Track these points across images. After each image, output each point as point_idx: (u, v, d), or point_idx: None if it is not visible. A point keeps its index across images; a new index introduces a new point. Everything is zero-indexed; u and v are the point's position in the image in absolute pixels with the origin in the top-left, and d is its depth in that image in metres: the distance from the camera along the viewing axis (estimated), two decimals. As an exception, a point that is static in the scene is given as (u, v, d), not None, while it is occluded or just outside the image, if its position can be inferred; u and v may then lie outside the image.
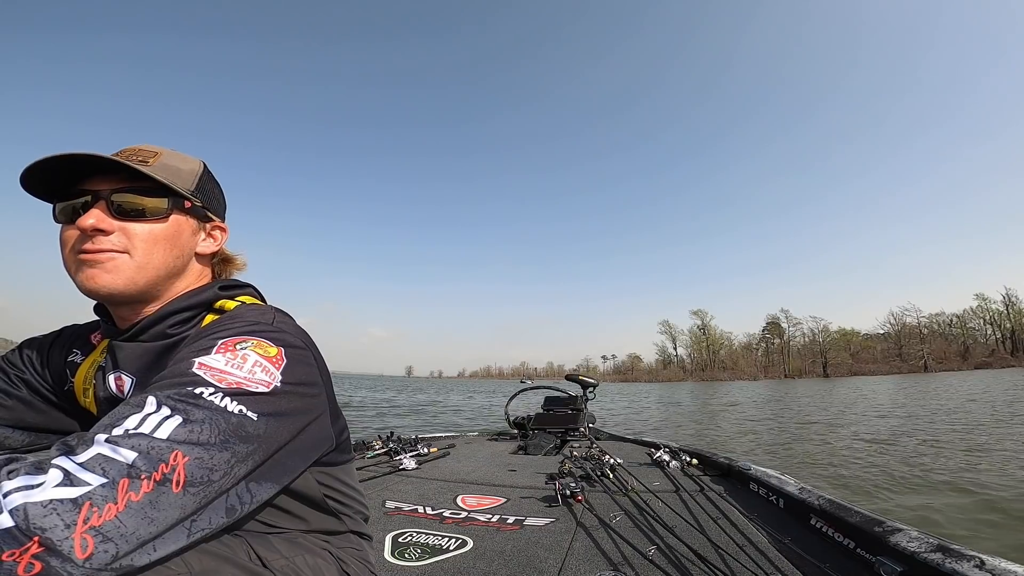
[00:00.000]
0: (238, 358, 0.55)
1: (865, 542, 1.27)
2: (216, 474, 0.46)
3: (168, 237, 0.68)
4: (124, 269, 0.65)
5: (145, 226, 0.66)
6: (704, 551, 1.31)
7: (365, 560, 0.80)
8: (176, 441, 0.44)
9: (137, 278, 0.66)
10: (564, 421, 3.84)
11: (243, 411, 0.50)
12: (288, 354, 0.60)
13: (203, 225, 0.75)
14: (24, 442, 0.77)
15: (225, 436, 0.48)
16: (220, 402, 0.49)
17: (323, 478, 0.74)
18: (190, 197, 0.71)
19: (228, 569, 0.56)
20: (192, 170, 0.73)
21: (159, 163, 0.68)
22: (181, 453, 0.44)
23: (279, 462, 0.55)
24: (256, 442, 0.51)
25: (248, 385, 0.52)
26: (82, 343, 0.81)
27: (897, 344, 78.58)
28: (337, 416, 0.73)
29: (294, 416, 0.57)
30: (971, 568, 0.98)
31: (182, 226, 0.71)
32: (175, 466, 0.43)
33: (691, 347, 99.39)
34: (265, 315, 0.67)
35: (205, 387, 0.50)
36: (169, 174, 0.69)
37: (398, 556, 1.37)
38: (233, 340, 0.58)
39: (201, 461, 0.45)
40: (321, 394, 0.64)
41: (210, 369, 0.52)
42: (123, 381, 0.69)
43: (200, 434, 0.46)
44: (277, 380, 0.56)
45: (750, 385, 48.26)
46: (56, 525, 0.37)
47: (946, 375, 46.91)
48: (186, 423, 0.46)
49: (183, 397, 0.48)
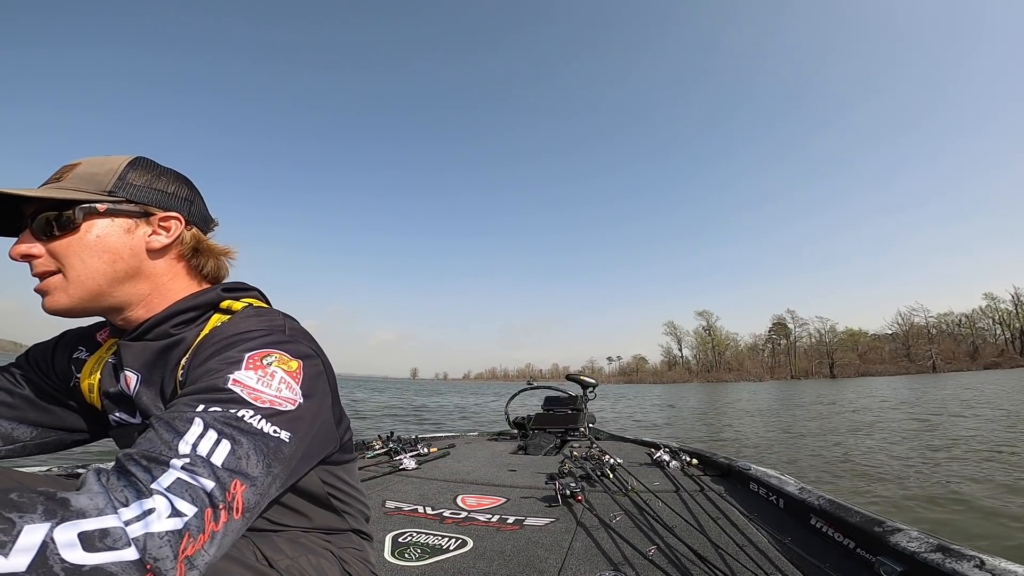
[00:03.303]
0: (267, 375, 0.57)
1: (865, 542, 1.27)
2: (264, 499, 0.51)
3: (91, 245, 0.66)
4: (62, 287, 0.66)
5: (64, 241, 0.66)
6: (704, 551, 1.31)
7: (366, 560, 0.81)
8: (232, 471, 0.47)
9: (77, 292, 0.66)
10: (564, 421, 3.84)
11: (278, 432, 0.53)
12: (305, 367, 0.62)
13: (141, 221, 0.71)
14: (30, 435, 0.78)
15: (268, 462, 0.51)
16: (258, 424, 0.52)
17: (327, 476, 0.75)
18: (103, 199, 0.67)
19: (237, 570, 0.58)
20: (110, 170, 0.70)
21: (73, 175, 0.68)
22: (239, 482, 0.47)
23: (297, 469, 0.58)
24: (289, 463, 0.55)
25: (278, 404, 0.55)
26: (87, 341, 0.82)
27: (905, 344, 77.81)
28: (341, 417, 0.75)
29: (311, 427, 0.60)
30: (971, 568, 0.97)
31: (105, 229, 0.68)
32: (235, 495, 0.46)
33: (696, 348, 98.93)
34: (276, 321, 0.69)
35: (245, 408, 0.52)
36: (81, 183, 0.67)
37: (398, 556, 1.37)
38: (259, 354, 0.60)
39: (255, 489, 0.49)
40: (329, 400, 0.67)
41: (244, 387, 0.55)
42: (129, 378, 0.71)
43: (250, 462, 0.49)
44: (299, 396, 0.58)
45: (757, 386, 47.78)
46: (167, 556, 0.39)
47: (955, 375, 46.35)
48: (235, 449, 0.49)
49: (228, 420, 0.50)
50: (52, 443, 0.80)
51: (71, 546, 0.36)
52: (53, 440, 0.80)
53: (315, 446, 0.62)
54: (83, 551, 0.36)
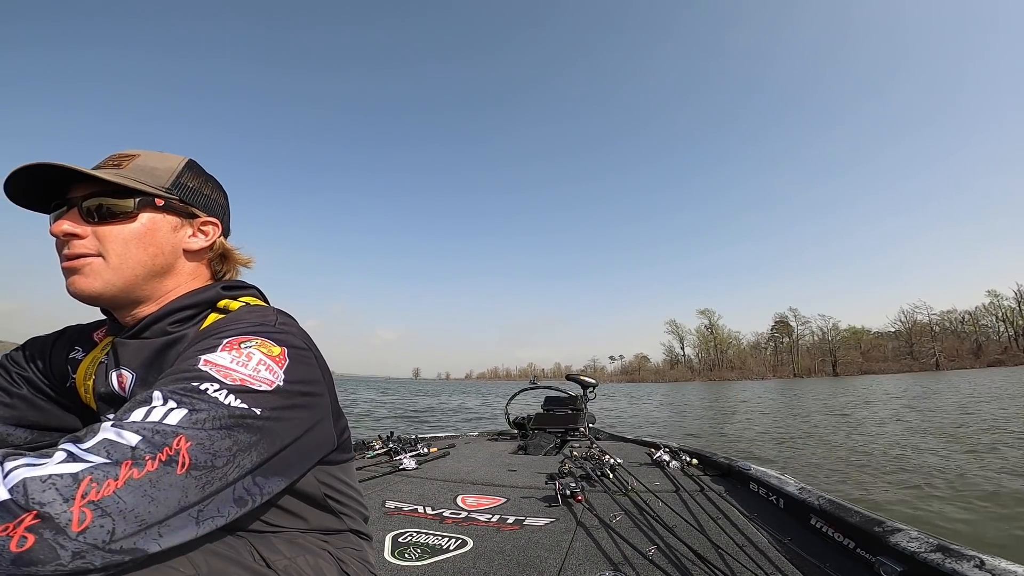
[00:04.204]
0: (243, 356, 0.56)
1: (865, 542, 1.27)
2: (219, 460, 0.47)
3: (140, 236, 0.68)
4: (99, 271, 0.66)
5: (115, 227, 0.67)
6: (704, 551, 1.31)
7: (365, 560, 0.81)
8: (179, 426, 0.46)
9: (114, 279, 0.67)
10: (564, 421, 3.84)
11: (246, 406, 0.51)
12: (291, 354, 0.61)
13: (187, 221, 0.74)
14: (26, 439, 0.78)
15: (228, 425, 0.49)
16: (225, 398, 0.50)
17: (324, 477, 0.75)
18: (162, 194, 0.70)
19: (234, 570, 0.57)
20: (169, 168, 0.72)
21: (133, 165, 0.69)
22: (184, 437, 0.45)
23: (286, 459, 0.56)
24: (259, 434, 0.52)
25: (252, 383, 0.54)
26: (84, 340, 0.82)
27: (908, 342, 77.63)
28: (339, 416, 0.75)
29: (298, 415, 0.58)
30: (971, 568, 0.97)
31: (156, 224, 0.70)
32: (178, 449, 0.44)
33: (699, 347, 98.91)
34: (268, 316, 0.68)
35: (211, 383, 0.51)
36: (142, 174, 0.69)
37: (398, 556, 1.37)
38: (238, 339, 0.59)
39: (203, 446, 0.46)
40: (324, 395, 0.65)
41: (215, 366, 0.53)
42: (124, 378, 0.70)
43: (204, 422, 0.47)
44: (280, 379, 0.57)
45: (760, 385, 47.54)
46: (55, 499, 0.37)
47: (959, 373, 46.08)
48: (191, 413, 0.47)
49: (189, 392, 0.49)
50: (48, 445, 0.80)
51: None
52: (49, 442, 0.79)
53: (312, 439, 0.61)
54: None
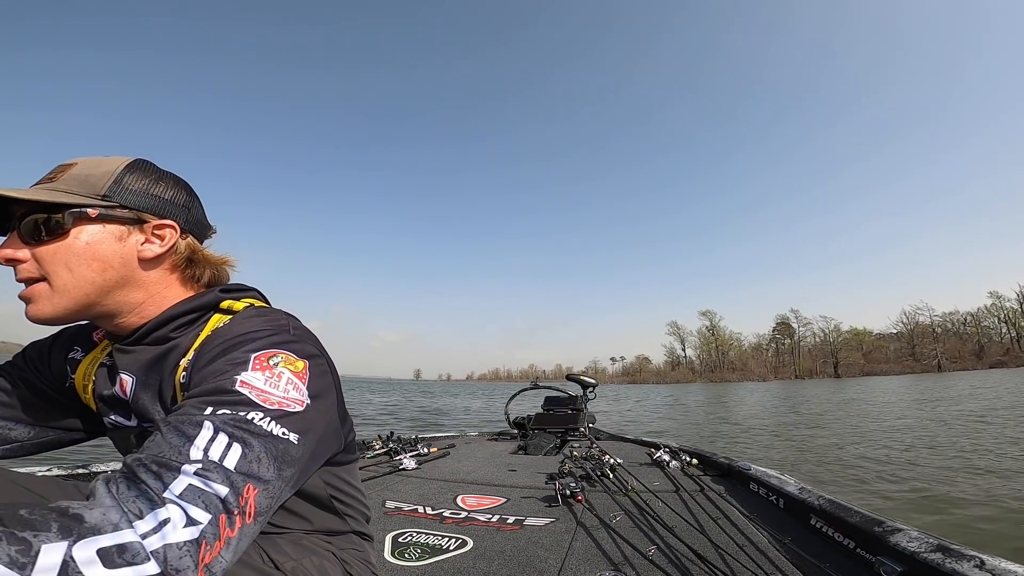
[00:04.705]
0: (274, 376, 0.57)
1: (865, 542, 1.27)
2: (276, 502, 0.51)
3: (79, 252, 0.62)
4: (46, 296, 0.62)
5: (51, 247, 0.62)
6: (704, 551, 1.31)
7: (367, 561, 0.81)
8: (245, 475, 0.47)
9: (63, 302, 0.63)
10: (564, 421, 3.85)
11: (287, 435, 0.53)
12: (311, 368, 0.61)
13: (134, 228, 0.66)
14: (28, 435, 0.78)
15: (279, 464, 0.51)
16: (268, 427, 0.52)
17: (329, 478, 0.75)
18: (95, 203, 0.63)
19: (246, 572, 0.58)
20: (106, 172, 0.65)
21: (67, 176, 0.64)
22: (252, 486, 0.47)
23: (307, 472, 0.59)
24: (299, 464, 0.55)
25: (287, 405, 0.55)
26: (83, 340, 0.81)
27: (910, 343, 77.44)
28: (345, 417, 0.75)
29: (318, 428, 0.60)
30: (971, 568, 0.97)
31: (95, 236, 0.63)
32: (248, 499, 0.46)
33: (700, 348, 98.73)
34: (280, 321, 0.67)
35: (255, 411, 0.52)
36: (74, 184, 0.63)
37: (398, 556, 1.37)
38: (265, 355, 0.59)
39: (267, 493, 0.49)
40: (335, 401, 0.66)
41: (253, 389, 0.54)
42: (125, 381, 0.70)
43: (261, 465, 0.49)
44: (306, 397, 0.58)
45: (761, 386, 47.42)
46: (188, 567, 0.39)
47: (961, 375, 45.94)
48: (247, 453, 0.48)
49: (238, 423, 0.50)
50: (49, 442, 0.80)
51: (91, 563, 0.36)
52: (50, 439, 0.80)
53: (322, 447, 0.62)
54: (103, 568, 0.36)
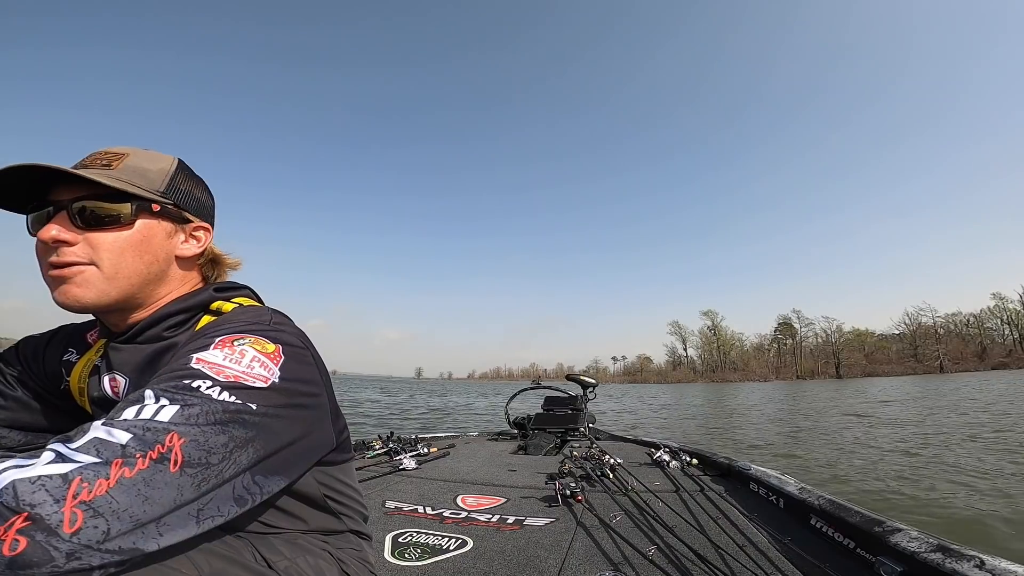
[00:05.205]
0: (236, 353, 0.55)
1: (865, 542, 1.27)
2: (214, 457, 0.46)
3: (136, 244, 0.65)
4: (93, 281, 0.63)
5: (110, 235, 0.63)
6: (704, 551, 1.31)
7: (364, 560, 0.81)
8: (172, 424, 0.44)
9: (108, 290, 0.64)
10: (564, 421, 3.85)
11: (241, 402, 0.50)
12: (286, 351, 0.60)
13: (180, 227, 0.71)
14: (20, 442, 0.77)
15: (222, 421, 0.48)
16: (218, 394, 0.49)
17: (323, 477, 0.74)
18: (158, 199, 0.67)
19: (236, 571, 0.56)
20: (161, 170, 0.69)
21: (124, 165, 0.65)
22: (177, 434, 0.44)
23: (285, 458, 0.55)
24: (255, 430, 0.50)
25: (246, 379, 0.53)
26: (78, 342, 0.81)
27: (912, 345, 77.21)
28: (337, 416, 0.74)
29: (296, 413, 0.57)
30: (971, 568, 0.97)
31: (152, 230, 0.67)
32: (171, 447, 0.43)
33: (701, 348, 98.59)
34: (263, 316, 0.67)
35: (203, 380, 0.50)
36: (134, 177, 0.65)
37: (398, 556, 1.37)
38: (231, 337, 0.58)
39: (197, 443, 0.45)
40: (322, 393, 0.64)
41: (208, 363, 0.53)
42: (117, 382, 0.70)
43: (197, 418, 0.46)
44: (275, 376, 0.56)
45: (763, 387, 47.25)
46: (45, 500, 0.37)
47: (963, 376, 45.77)
48: (183, 409, 0.46)
49: (180, 389, 0.48)
50: (43, 447, 0.80)
51: None
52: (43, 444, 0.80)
53: (312, 439, 0.60)
54: None
